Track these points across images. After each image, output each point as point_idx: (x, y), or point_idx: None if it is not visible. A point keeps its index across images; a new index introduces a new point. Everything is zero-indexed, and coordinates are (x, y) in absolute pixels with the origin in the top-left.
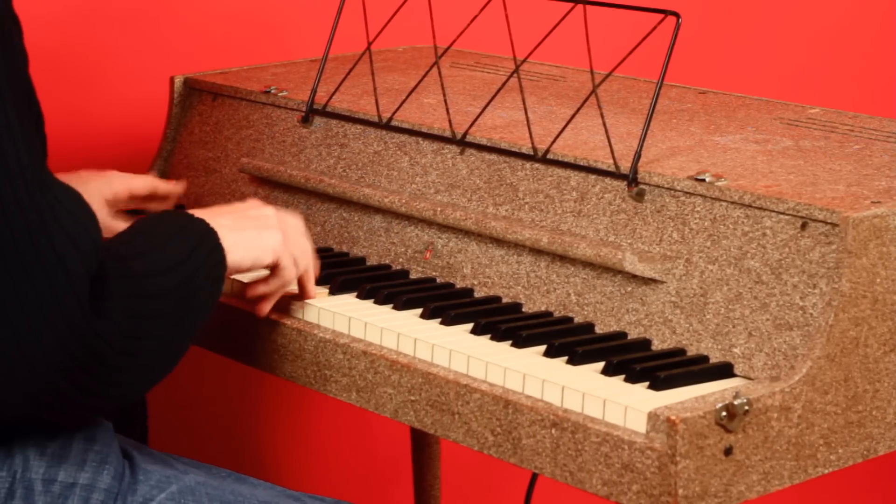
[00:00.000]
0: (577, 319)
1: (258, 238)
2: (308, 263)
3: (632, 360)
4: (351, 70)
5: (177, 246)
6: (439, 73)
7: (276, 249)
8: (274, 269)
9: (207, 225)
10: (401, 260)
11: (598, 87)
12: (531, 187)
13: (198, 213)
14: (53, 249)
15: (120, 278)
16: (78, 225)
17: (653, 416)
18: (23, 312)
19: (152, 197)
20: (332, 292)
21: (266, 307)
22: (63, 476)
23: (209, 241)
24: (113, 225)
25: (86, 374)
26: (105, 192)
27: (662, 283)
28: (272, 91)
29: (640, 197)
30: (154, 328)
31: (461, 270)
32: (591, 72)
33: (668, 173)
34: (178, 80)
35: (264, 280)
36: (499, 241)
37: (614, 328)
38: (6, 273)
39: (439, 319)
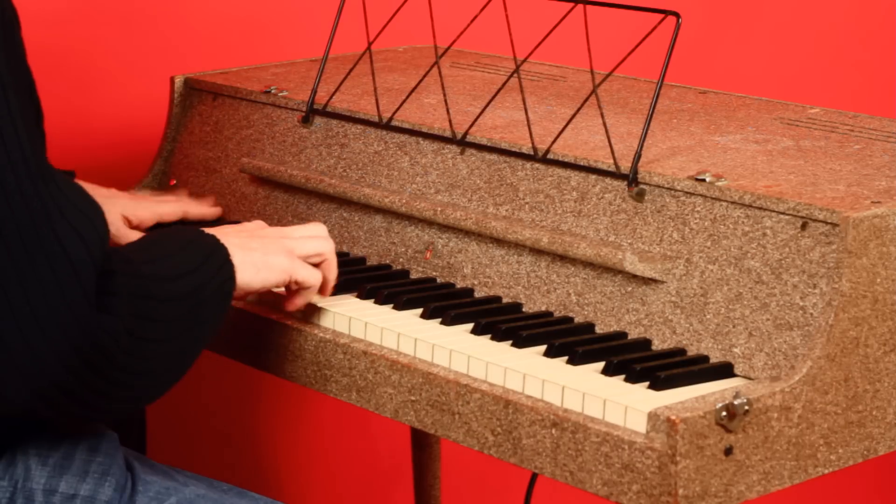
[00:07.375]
0: (578, 319)
1: (265, 258)
2: (329, 272)
3: (632, 360)
4: (351, 70)
5: (187, 256)
6: (439, 73)
7: (285, 269)
8: (297, 284)
9: (218, 241)
10: (401, 260)
11: (598, 87)
12: (531, 187)
13: (207, 230)
14: (57, 239)
15: (127, 277)
16: (82, 216)
17: (653, 416)
18: (28, 303)
19: (184, 220)
20: (333, 292)
21: (299, 303)
22: (64, 487)
23: (219, 256)
24: (127, 234)
25: (91, 371)
26: (128, 210)
27: (662, 283)
28: (272, 91)
29: (640, 197)
30: (161, 332)
31: (461, 270)
32: (592, 72)
33: (669, 173)
34: (178, 80)
35: (297, 293)
36: (499, 241)
37: (614, 328)
38: (10, 262)
39: (439, 319)
